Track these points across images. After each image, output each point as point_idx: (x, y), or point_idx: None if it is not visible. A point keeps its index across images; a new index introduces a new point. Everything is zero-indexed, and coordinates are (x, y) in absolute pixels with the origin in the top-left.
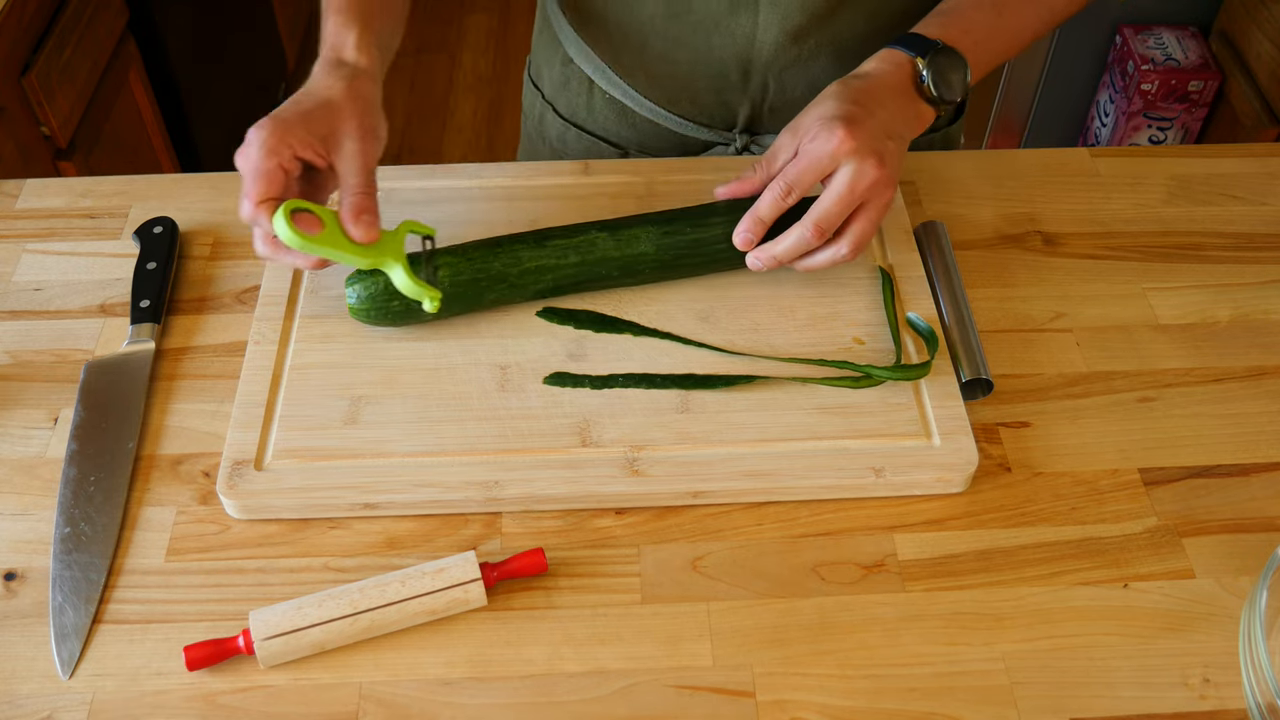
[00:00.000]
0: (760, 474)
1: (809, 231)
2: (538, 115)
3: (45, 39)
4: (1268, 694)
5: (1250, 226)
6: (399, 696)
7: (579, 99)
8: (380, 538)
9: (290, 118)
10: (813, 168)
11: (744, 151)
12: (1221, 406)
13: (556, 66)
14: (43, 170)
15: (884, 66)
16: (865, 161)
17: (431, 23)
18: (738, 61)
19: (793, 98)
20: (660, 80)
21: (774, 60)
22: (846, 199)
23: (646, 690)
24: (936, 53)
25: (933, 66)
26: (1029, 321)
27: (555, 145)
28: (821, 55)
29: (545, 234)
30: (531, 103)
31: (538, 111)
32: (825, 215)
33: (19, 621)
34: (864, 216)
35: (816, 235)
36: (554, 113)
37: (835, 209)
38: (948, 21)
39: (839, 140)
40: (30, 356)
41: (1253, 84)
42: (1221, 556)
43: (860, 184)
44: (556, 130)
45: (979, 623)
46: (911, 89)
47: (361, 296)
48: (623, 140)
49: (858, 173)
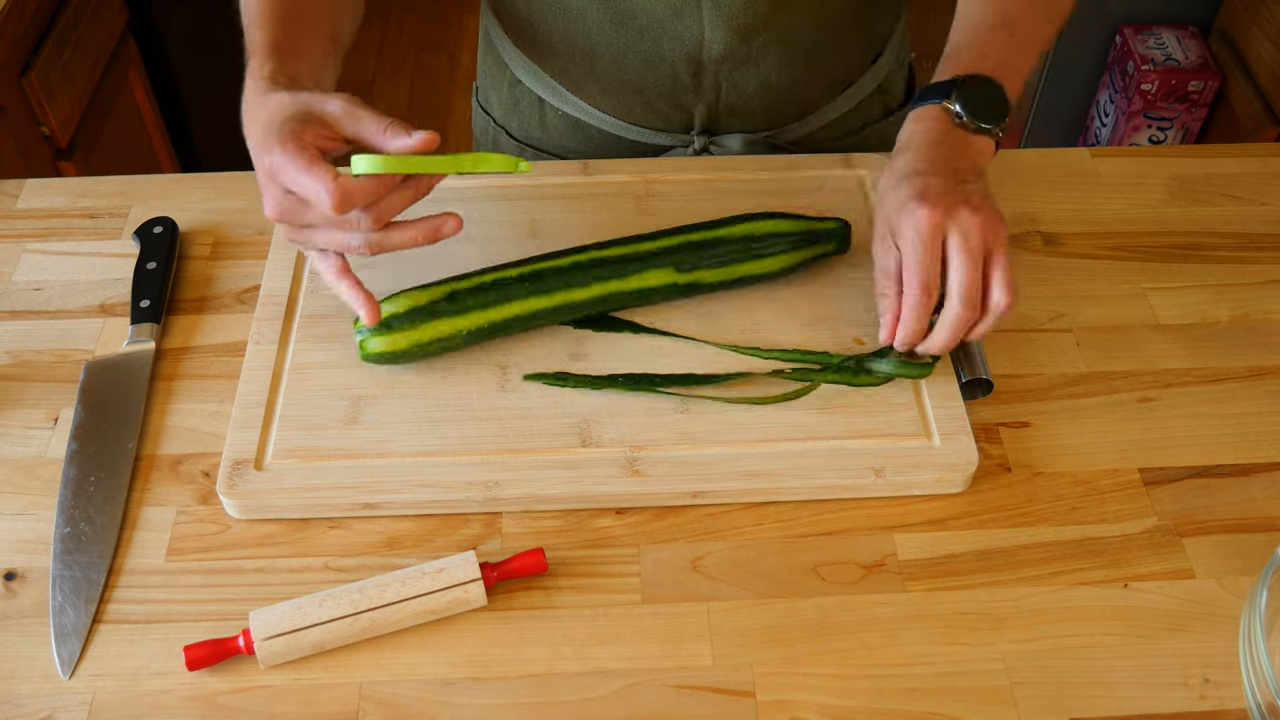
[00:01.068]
0: (760, 474)
1: (959, 308)
2: (490, 139)
3: (45, 39)
4: (1268, 694)
5: (1250, 226)
6: (399, 696)
7: (531, 119)
8: (380, 538)
9: (284, 125)
10: (923, 252)
11: (703, 152)
12: (1221, 406)
13: (504, 89)
14: (43, 170)
15: (919, 127)
16: (958, 216)
17: (431, 23)
18: (688, 63)
19: (746, 94)
20: (612, 90)
21: (724, 59)
22: (971, 257)
23: (646, 690)
24: (958, 87)
25: (961, 100)
26: (1029, 321)
27: None
28: (771, 51)
29: (542, 276)
30: (483, 129)
31: (490, 136)
32: (967, 285)
33: (19, 621)
34: (995, 260)
35: (970, 310)
36: (507, 135)
37: (970, 274)
38: (961, 57)
39: (924, 214)
40: (30, 356)
41: (1253, 84)
42: (1221, 556)
43: (973, 238)
44: (512, 152)
45: (979, 623)
46: (956, 132)
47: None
48: (579, 154)
49: (960, 232)
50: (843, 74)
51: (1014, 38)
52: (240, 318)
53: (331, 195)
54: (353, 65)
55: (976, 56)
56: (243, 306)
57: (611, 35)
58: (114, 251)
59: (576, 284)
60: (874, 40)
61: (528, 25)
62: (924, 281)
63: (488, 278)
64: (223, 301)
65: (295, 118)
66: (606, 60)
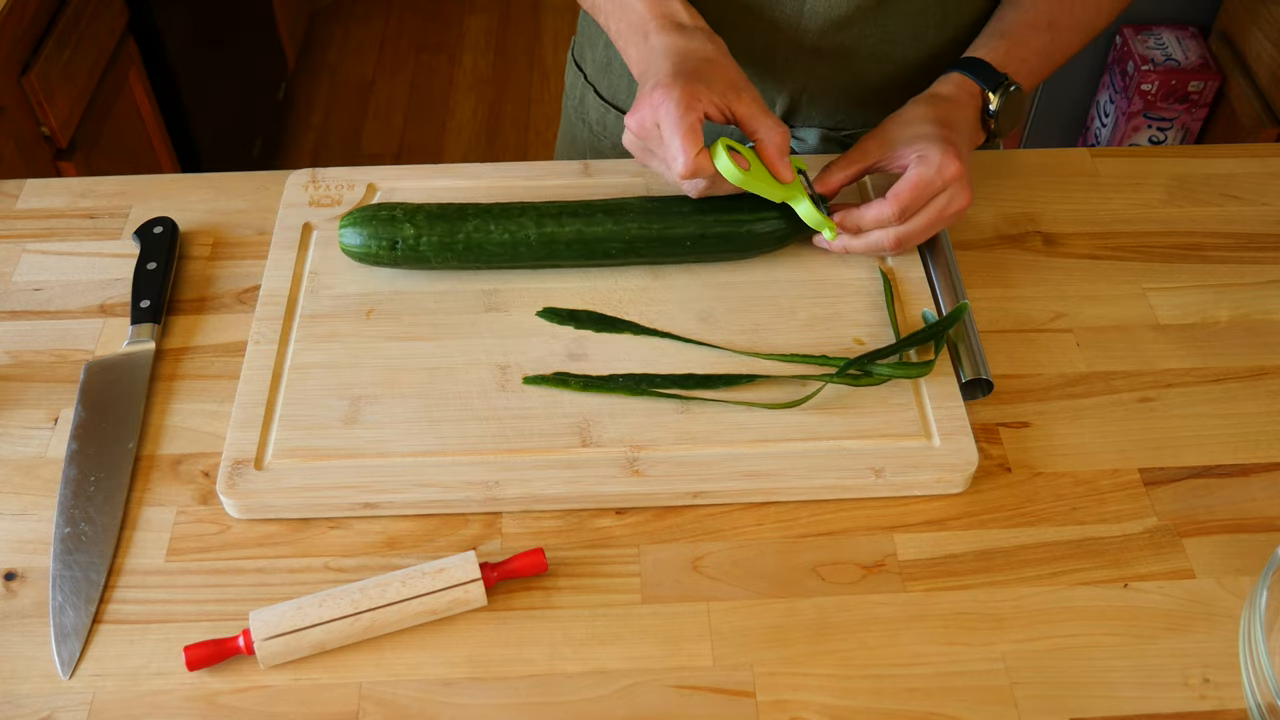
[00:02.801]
0: (760, 474)
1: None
2: (579, 96)
3: (45, 39)
4: (1268, 694)
5: (1250, 226)
6: (399, 696)
7: (620, 82)
8: (380, 538)
9: (692, 76)
10: (926, 192)
11: None
12: (1221, 406)
13: (600, 48)
14: (43, 170)
15: (959, 95)
16: (964, 189)
17: (431, 23)
18: (780, 48)
19: (832, 89)
20: None
21: (816, 49)
22: (936, 220)
23: (646, 690)
24: (1005, 90)
25: (1001, 103)
26: (1029, 321)
27: (594, 127)
28: (863, 47)
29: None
30: (573, 83)
31: (579, 92)
32: (912, 233)
33: (19, 621)
34: (932, 230)
35: (896, 247)
36: (595, 94)
37: (923, 228)
38: (1010, 49)
39: (954, 169)
40: (30, 356)
41: (1253, 84)
42: (1221, 556)
43: (951, 208)
44: (597, 113)
45: (979, 623)
46: (979, 119)
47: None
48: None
49: (954, 198)
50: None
51: (1054, 43)
52: (240, 318)
53: (684, 168)
54: (353, 65)
55: (1018, 57)
56: (243, 306)
57: (710, 7)
58: (114, 251)
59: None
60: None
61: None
62: (907, 208)
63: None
64: (223, 301)
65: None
66: None
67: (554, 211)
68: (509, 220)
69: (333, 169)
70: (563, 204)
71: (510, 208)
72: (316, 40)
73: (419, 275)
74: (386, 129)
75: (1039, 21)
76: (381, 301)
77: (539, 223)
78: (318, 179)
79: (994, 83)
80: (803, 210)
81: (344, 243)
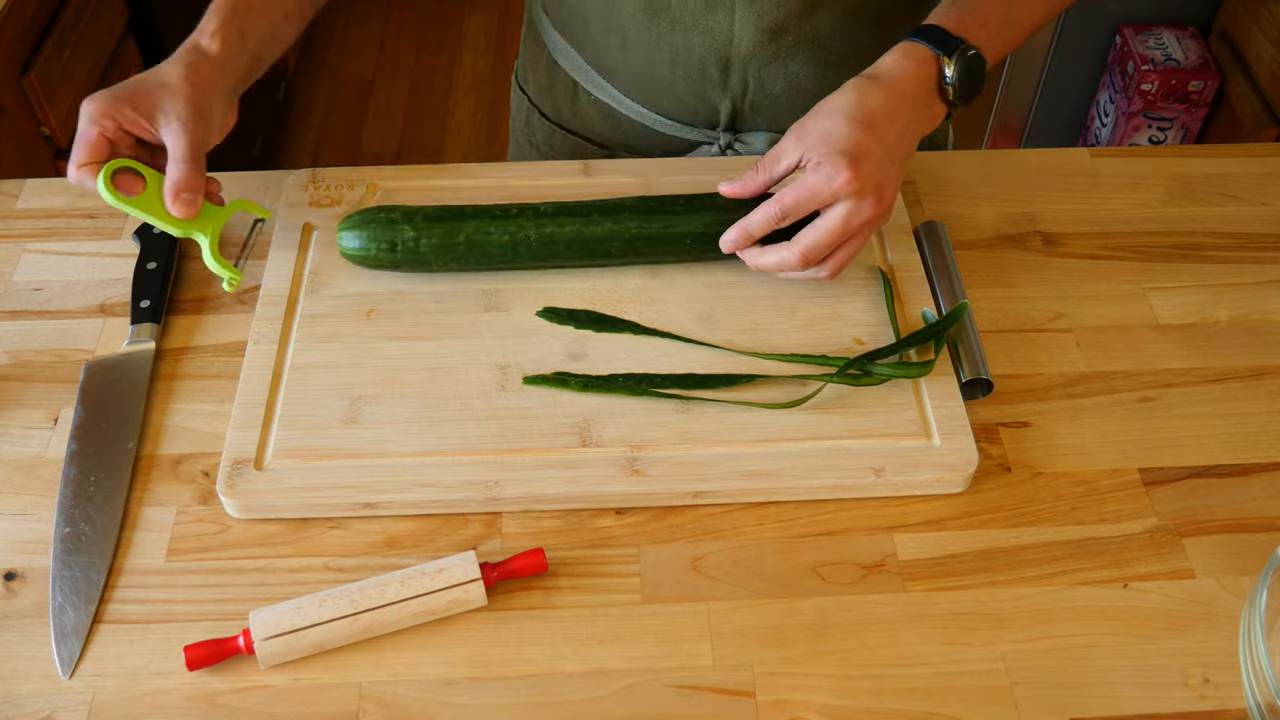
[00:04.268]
0: (760, 474)
1: (795, 257)
2: (524, 118)
3: (45, 39)
4: (1268, 694)
5: (1250, 226)
6: (399, 696)
7: (564, 100)
8: (380, 538)
9: (120, 93)
10: (811, 199)
11: (728, 149)
12: (1221, 406)
13: (542, 69)
14: (43, 170)
15: (906, 64)
16: (864, 200)
17: (431, 23)
18: (717, 59)
19: (773, 94)
20: (642, 80)
21: (752, 57)
22: (839, 234)
23: (646, 690)
24: (961, 54)
25: (957, 68)
26: (1029, 321)
27: (542, 148)
28: (800, 51)
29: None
30: (519, 105)
31: (524, 114)
32: (814, 246)
33: (19, 621)
34: (849, 246)
35: (801, 263)
36: (540, 115)
37: (825, 241)
38: (965, 14)
39: (844, 180)
40: (30, 356)
41: (1253, 84)
42: (1221, 556)
43: (855, 221)
44: (544, 133)
45: (979, 623)
46: (932, 90)
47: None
48: (608, 141)
49: (854, 210)
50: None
51: (1014, 10)
52: (240, 318)
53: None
54: (353, 65)
55: (975, 23)
56: (243, 306)
57: (644, 24)
58: (114, 251)
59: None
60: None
61: (566, 6)
62: (794, 211)
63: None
64: (223, 301)
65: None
66: (638, 49)
67: (553, 211)
68: (508, 221)
69: (333, 169)
70: (561, 204)
71: (509, 208)
72: (316, 40)
73: (419, 275)
74: (386, 129)
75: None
76: (381, 302)
77: (538, 223)
78: (318, 179)
79: (948, 47)
80: (203, 250)
81: (343, 246)
